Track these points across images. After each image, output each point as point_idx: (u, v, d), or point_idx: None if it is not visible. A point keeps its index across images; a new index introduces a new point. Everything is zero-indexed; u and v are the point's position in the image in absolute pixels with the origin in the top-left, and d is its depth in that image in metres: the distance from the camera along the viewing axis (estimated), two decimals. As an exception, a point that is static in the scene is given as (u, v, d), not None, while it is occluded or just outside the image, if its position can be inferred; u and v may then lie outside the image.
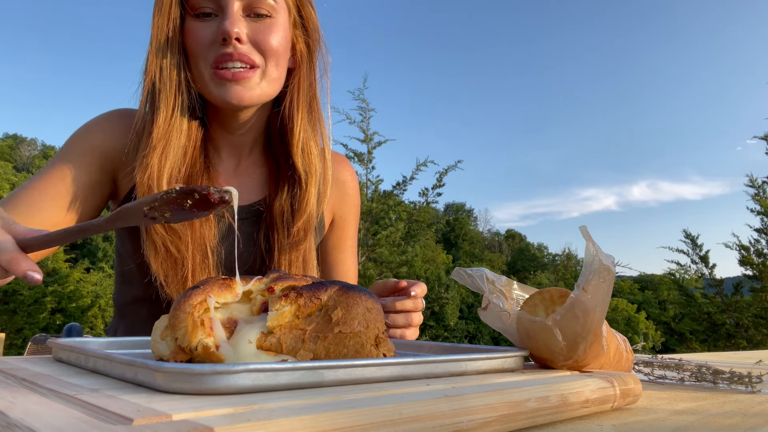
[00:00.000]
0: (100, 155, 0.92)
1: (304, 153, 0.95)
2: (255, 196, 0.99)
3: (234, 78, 0.84)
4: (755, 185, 6.95)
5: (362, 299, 0.51)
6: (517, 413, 0.43)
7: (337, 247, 1.13)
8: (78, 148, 0.91)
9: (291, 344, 0.46)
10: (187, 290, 0.48)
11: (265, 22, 0.87)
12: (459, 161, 7.53)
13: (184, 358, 0.45)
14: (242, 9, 0.85)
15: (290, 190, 0.95)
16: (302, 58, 0.96)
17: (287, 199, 0.95)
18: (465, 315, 28.05)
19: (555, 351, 0.58)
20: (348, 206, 1.13)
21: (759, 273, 6.73)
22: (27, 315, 10.68)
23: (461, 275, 0.69)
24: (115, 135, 0.93)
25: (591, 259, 0.56)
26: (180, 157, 0.87)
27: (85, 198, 0.90)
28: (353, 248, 1.16)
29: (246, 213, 0.97)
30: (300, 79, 0.95)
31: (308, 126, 0.96)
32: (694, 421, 0.50)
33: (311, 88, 0.97)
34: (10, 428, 0.29)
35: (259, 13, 0.86)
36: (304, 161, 0.94)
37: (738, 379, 0.73)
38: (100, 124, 0.94)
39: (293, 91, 0.95)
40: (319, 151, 0.97)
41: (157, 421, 0.29)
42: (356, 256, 1.18)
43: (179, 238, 0.85)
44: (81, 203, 0.90)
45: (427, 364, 0.49)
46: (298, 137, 0.94)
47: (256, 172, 1.01)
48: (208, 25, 0.85)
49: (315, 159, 0.96)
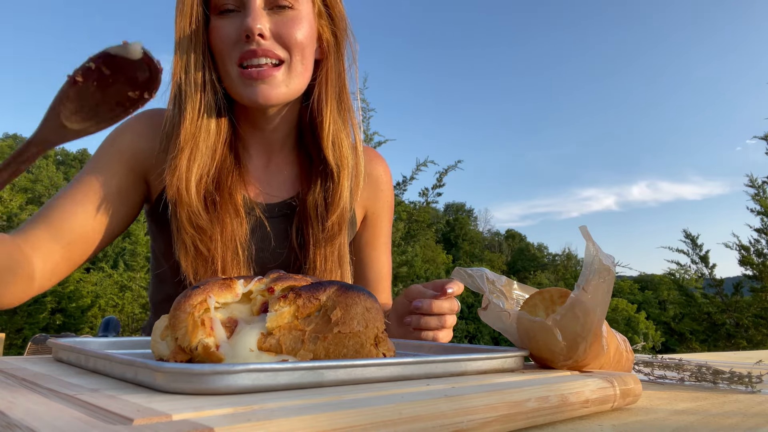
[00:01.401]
0: (128, 159, 0.92)
1: (335, 146, 0.93)
2: (286, 192, 0.99)
3: (259, 77, 0.84)
4: (755, 185, 6.94)
5: (361, 299, 0.51)
6: (517, 413, 0.43)
7: (370, 243, 1.11)
8: (107, 154, 0.92)
9: (290, 345, 0.46)
10: (186, 290, 0.48)
11: (287, 14, 0.86)
12: (459, 161, 7.52)
13: (184, 358, 0.45)
14: (264, 2, 0.85)
15: (323, 184, 0.94)
16: (329, 48, 0.94)
17: (320, 193, 0.94)
18: (465, 315, 28.05)
19: (555, 351, 0.58)
20: (381, 203, 1.10)
21: (759, 273, 6.73)
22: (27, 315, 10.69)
23: (461, 275, 0.69)
24: (143, 137, 0.93)
25: (591, 259, 0.56)
26: (208, 157, 0.88)
27: (116, 203, 0.91)
28: (387, 245, 1.13)
29: (278, 209, 0.97)
30: (328, 70, 0.94)
31: (338, 118, 0.95)
32: (694, 421, 0.50)
33: (340, 79, 0.95)
34: (10, 428, 0.29)
35: (282, 5, 0.85)
36: (335, 154, 0.93)
37: (738, 379, 0.73)
38: (129, 127, 0.95)
39: (321, 83, 0.94)
40: (350, 143, 0.96)
41: (157, 421, 0.29)
42: (390, 255, 1.15)
43: (209, 237, 0.86)
44: (112, 208, 0.91)
45: (427, 364, 0.49)
46: (328, 130, 0.93)
47: (287, 169, 1.00)
48: (232, 22, 0.85)
49: (346, 151, 0.94)
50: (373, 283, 1.11)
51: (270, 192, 0.98)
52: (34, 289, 0.85)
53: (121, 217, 0.93)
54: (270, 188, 0.98)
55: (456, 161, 7.48)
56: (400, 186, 7.55)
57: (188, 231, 0.85)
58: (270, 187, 0.98)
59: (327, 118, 0.93)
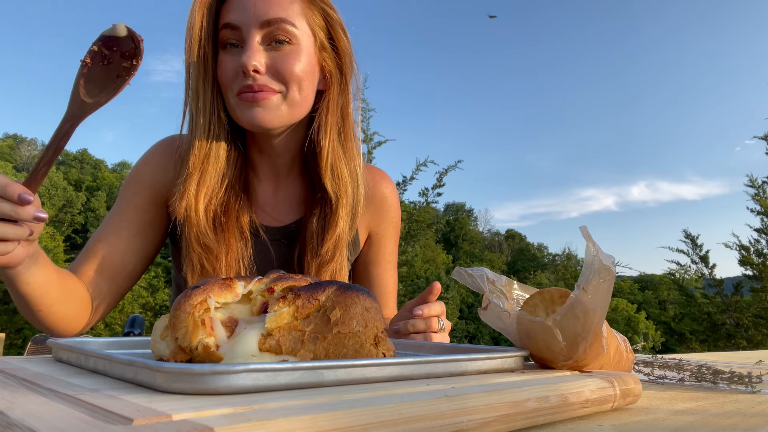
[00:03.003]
0: (149, 192, 0.98)
1: (334, 175, 0.95)
2: (292, 216, 1.02)
3: (254, 100, 0.87)
4: (755, 185, 6.94)
5: (360, 299, 0.51)
6: (517, 413, 0.43)
7: (374, 262, 1.12)
8: (131, 191, 0.99)
9: (290, 346, 0.46)
10: (187, 290, 0.48)
11: (284, 49, 0.88)
12: (459, 161, 7.51)
13: (185, 358, 0.45)
14: (262, 39, 0.88)
15: (321, 210, 0.97)
16: (332, 80, 0.96)
17: (319, 219, 0.96)
18: (465, 315, 28.05)
19: (555, 351, 0.58)
20: (386, 223, 1.12)
21: (759, 273, 6.72)
22: (27, 315, 10.65)
23: (461, 275, 0.69)
24: (160, 167, 0.99)
25: (591, 259, 0.56)
26: (216, 181, 0.92)
27: (149, 235, 0.98)
28: (392, 264, 1.15)
29: (283, 233, 1.00)
30: (329, 101, 0.96)
31: (339, 148, 0.96)
32: (694, 421, 0.50)
33: (342, 110, 0.97)
34: (10, 428, 0.29)
35: (280, 39, 0.88)
36: (333, 183, 0.95)
37: (738, 379, 0.73)
38: (146, 161, 1.00)
39: (322, 114, 0.96)
40: (351, 172, 0.98)
41: (157, 421, 0.29)
42: (395, 272, 1.16)
43: (215, 257, 0.91)
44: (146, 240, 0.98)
45: (427, 364, 0.49)
46: (327, 159, 0.95)
47: (293, 193, 1.03)
48: (234, 58, 0.89)
49: (345, 180, 0.96)
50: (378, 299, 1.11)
51: (276, 216, 1.01)
52: (89, 318, 0.93)
53: (154, 245, 1.00)
54: (276, 212, 1.02)
55: (456, 161, 7.45)
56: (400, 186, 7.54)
57: (195, 250, 0.90)
58: (276, 212, 1.02)
59: (326, 148, 0.95)
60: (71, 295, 0.87)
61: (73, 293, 0.88)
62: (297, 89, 0.90)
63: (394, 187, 1.14)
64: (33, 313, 0.83)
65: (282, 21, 0.87)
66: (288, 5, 0.89)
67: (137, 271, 0.99)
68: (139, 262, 0.98)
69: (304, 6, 0.91)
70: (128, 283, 0.99)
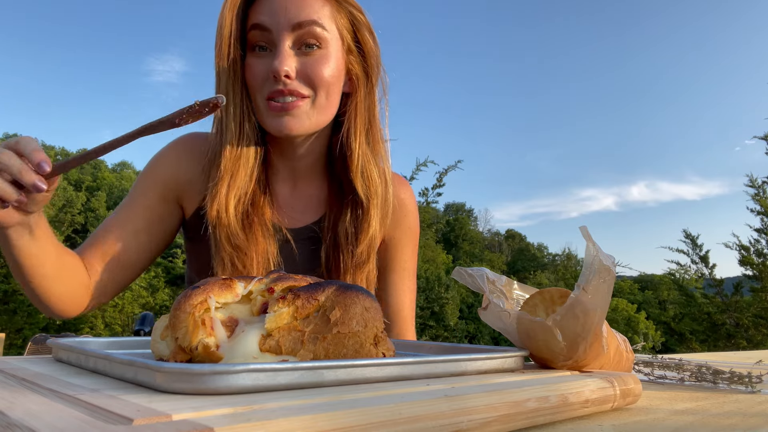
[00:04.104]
0: (163, 188, 0.99)
1: (365, 177, 0.96)
2: (312, 216, 1.02)
3: (284, 109, 0.88)
4: (755, 185, 6.94)
5: (360, 299, 0.51)
6: (517, 413, 0.43)
7: (388, 267, 1.10)
8: (146, 185, 0.99)
9: (290, 346, 0.46)
10: (186, 290, 0.48)
11: (314, 54, 0.88)
12: (459, 161, 7.50)
13: (185, 358, 0.45)
14: (293, 42, 0.88)
15: (353, 212, 0.97)
16: (359, 83, 0.97)
17: (351, 221, 0.97)
18: (465, 315, 28.05)
19: (555, 351, 0.58)
20: (402, 229, 1.10)
21: (759, 273, 6.72)
22: (27, 315, 10.66)
23: (462, 275, 0.69)
24: (175, 165, 0.99)
25: (591, 259, 0.56)
26: (245, 183, 0.92)
27: (156, 230, 0.99)
28: (408, 272, 1.12)
29: (305, 232, 1.00)
30: (357, 104, 0.96)
31: (368, 150, 0.97)
32: (694, 421, 0.50)
33: (369, 112, 0.98)
34: (10, 428, 0.29)
35: (310, 44, 0.88)
36: (364, 185, 0.96)
37: (738, 379, 0.73)
38: (162, 156, 1.01)
39: (351, 117, 0.96)
40: (380, 173, 0.98)
41: (157, 421, 0.29)
42: (411, 281, 1.13)
43: (245, 255, 0.91)
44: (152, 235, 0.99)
45: (427, 364, 0.49)
46: (357, 162, 0.95)
47: (312, 193, 1.03)
48: (263, 61, 0.89)
49: (375, 182, 0.97)
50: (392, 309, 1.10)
51: (294, 216, 1.02)
52: (87, 302, 0.94)
53: (159, 241, 1.00)
54: (294, 212, 1.02)
55: (456, 161, 7.46)
56: (400, 186, 7.53)
57: (227, 249, 0.91)
58: (294, 212, 1.02)
59: (356, 151, 0.95)
60: (68, 275, 0.87)
61: (71, 273, 0.88)
62: (325, 94, 0.90)
63: (412, 194, 1.13)
64: (25, 284, 0.83)
65: (314, 23, 0.87)
66: (319, 8, 0.89)
67: (139, 266, 0.99)
68: (141, 257, 0.98)
69: (333, 10, 0.91)
70: (129, 276, 0.99)
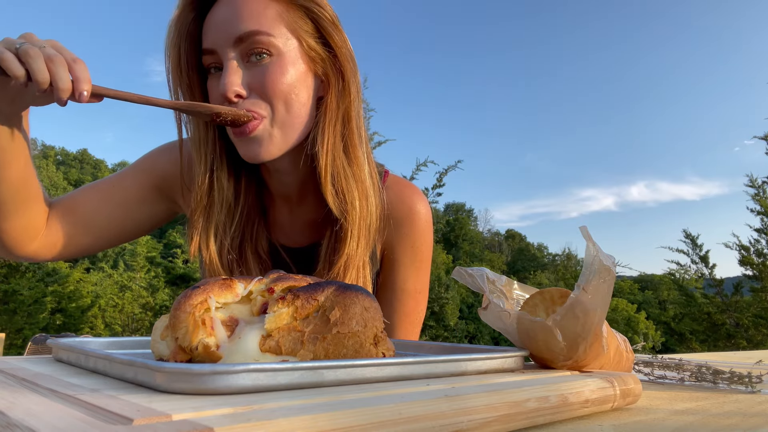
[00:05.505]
0: (157, 178, 0.97)
1: (337, 189, 0.85)
2: (308, 239, 0.96)
3: (243, 134, 0.80)
4: (755, 185, 6.95)
5: (359, 299, 0.51)
6: (517, 413, 0.43)
7: (385, 284, 1.00)
8: (142, 168, 0.97)
9: (290, 346, 0.46)
10: (186, 290, 0.48)
11: (264, 63, 0.80)
12: (459, 161, 7.52)
13: (185, 358, 0.45)
14: (240, 56, 0.80)
15: (332, 230, 0.89)
16: (330, 83, 0.86)
17: (330, 240, 0.89)
18: (465, 315, 28.03)
19: (555, 351, 0.58)
20: (402, 243, 0.98)
21: (759, 273, 6.73)
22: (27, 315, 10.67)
23: (462, 275, 0.69)
24: (172, 163, 0.96)
25: (591, 259, 0.56)
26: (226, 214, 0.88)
27: (134, 211, 0.96)
28: (407, 294, 0.99)
29: (300, 255, 0.96)
30: (326, 106, 0.85)
31: (342, 157, 0.86)
32: (694, 421, 0.50)
33: (344, 115, 0.86)
34: (10, 428, 0.29)
35: (258, 52, 0.79)
36: (336, 199, 0.85)
37: (738, 379, 0.73)
38: (167, 151, 0.98)
39: (319, 123, 0.85)
40: (358, 182, 0.87)
41: (157, 421, 0.29)
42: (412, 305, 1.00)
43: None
44: (128, 213, 0.96)
45: (427, 364, 0.49)
46: (326, 173, 0.85)
47: (307, 216, 0.96)
48: (217, 84, 0.82)
49: (352, 195, 0.86)
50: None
51: (293, 238, 0.97)
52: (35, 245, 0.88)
53: (136, 223, 0.97)
54: (294, 234, 0.97)
55: (456, 161, 7.47)
56: (400, 185, 7.52)
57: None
58: (293, 233, 0.97)
59: (323, 160, 0.84)
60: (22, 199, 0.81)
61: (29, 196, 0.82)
62: (284, 107, 0.81)
63: (423, 207, 0.99)
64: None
65: (255, 34, 0.78)
66: (260, 13, 0.79)
67: (104, 237, 0.94)
68: (110, 228, 0.93)
69: (281, 9, 0.81)
70: (89, 241, 0.93)
